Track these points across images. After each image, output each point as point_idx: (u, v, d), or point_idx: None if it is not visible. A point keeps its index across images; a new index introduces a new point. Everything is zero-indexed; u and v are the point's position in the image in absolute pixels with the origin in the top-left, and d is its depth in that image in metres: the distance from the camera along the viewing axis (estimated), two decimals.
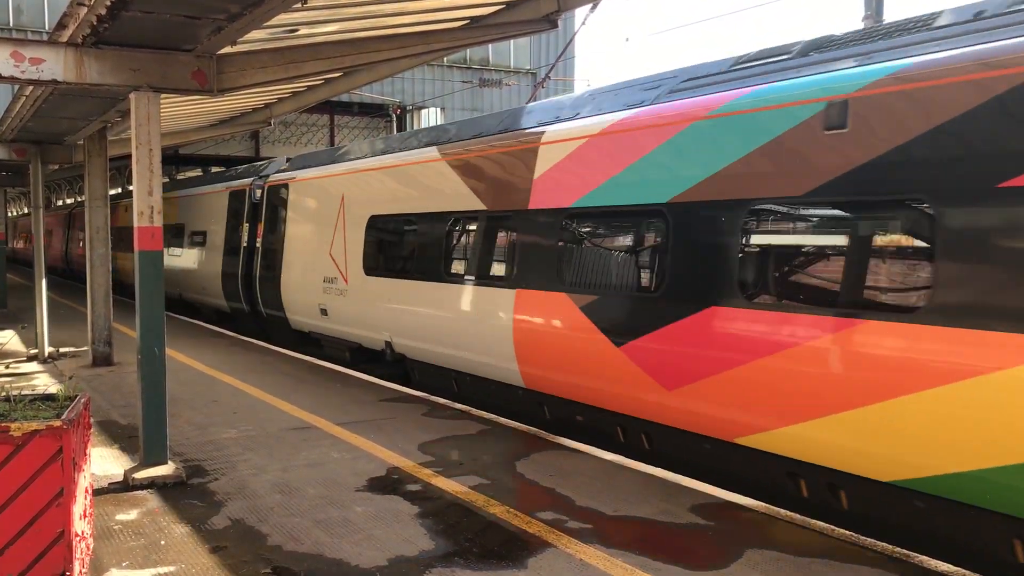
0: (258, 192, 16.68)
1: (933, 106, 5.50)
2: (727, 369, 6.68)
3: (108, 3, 5.84)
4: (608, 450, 8.05)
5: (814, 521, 6.04)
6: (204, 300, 19.82)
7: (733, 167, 6.81)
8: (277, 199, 15.81)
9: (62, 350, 14.32)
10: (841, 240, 6.17)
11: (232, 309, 18.17)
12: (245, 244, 17.14)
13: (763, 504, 6.42)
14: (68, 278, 34.37)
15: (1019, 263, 5.04)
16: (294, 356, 13.84)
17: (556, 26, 8.03)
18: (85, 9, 6.23)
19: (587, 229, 8.51)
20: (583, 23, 12.66)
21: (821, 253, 6.38)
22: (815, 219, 6.36)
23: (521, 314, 8.99)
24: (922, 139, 5.55)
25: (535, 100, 15.09)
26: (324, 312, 13.51)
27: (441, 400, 10.24)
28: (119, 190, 31.15)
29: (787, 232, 6.61)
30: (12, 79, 6.91)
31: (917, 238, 5.75)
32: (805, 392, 6.12)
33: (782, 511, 6.25)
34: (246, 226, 17.08)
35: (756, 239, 6.68)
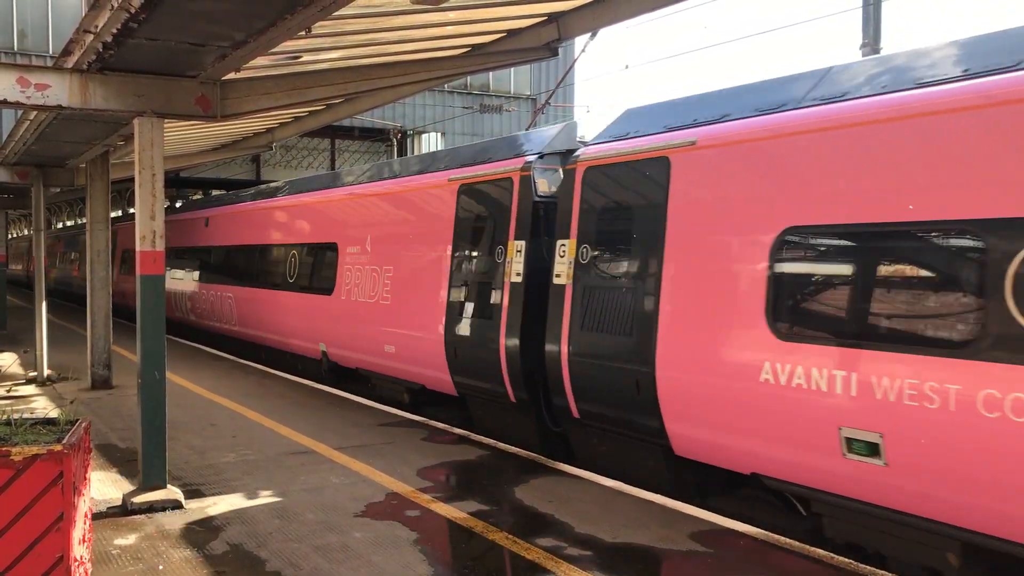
0: None
1: None
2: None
3: (114, 31, 5.90)
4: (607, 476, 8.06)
5: (813, 548, 6.03)
6: None
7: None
8: None
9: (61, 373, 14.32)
10: None
11: None
12: None
13: (762, 531, 6.41)
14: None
15: None
16: (292, 379, 13.83)
17: (556, 54, 8.12)
18: (91, 36, 6.30)
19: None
20: (583, 51, 12.79)
21: None
22: None
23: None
24: None
25: (535, 126, 15.21)
26: None
27: (440, 424, 10.24)
28: (119, 212, 31.23)
29: None
30: (18, 104, 6.98)
31: None
32: None
33: (781, 539, 6.24)
34: None
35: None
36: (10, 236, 54.76)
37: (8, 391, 12.64)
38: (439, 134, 31.04)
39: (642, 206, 7.58)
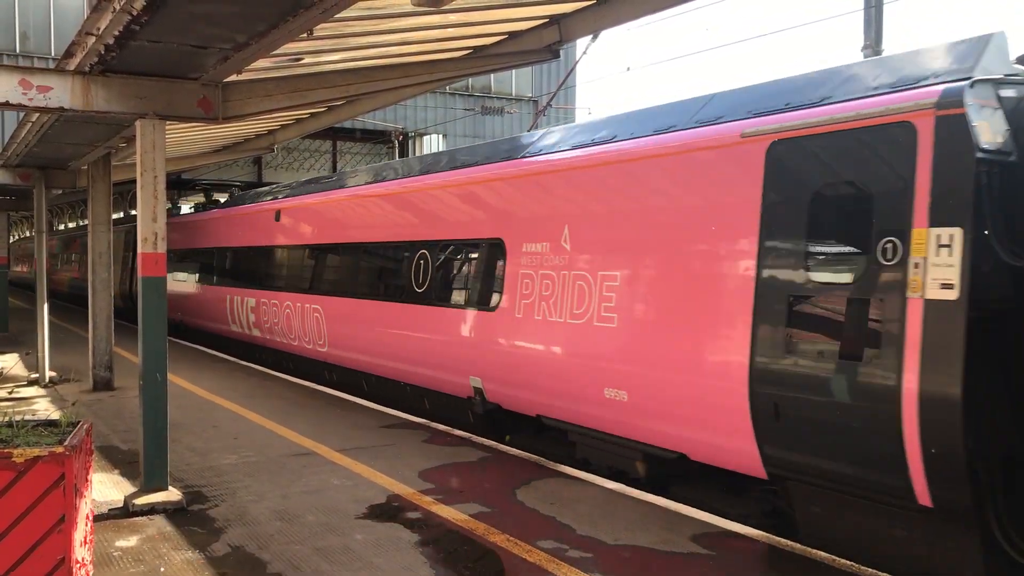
0: None
1: None
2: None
3: (116, 33, 5.91)
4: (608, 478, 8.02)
5: (815, 551, 6.03)
6: None
7: None
8: None
9: (63, 375, 14.32)
10: None
11: None
12: None
13: (764, 534, 6.40)
14: None
15: None
16: (294, 381, 13.84)
17: (558, 56, 8.12)
18: (93, 38, 6.31)
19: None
20: (584, 52, 12.79)
21: None
22: None
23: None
24: None
25: (536, 128, 15.22)
26: None
27: (442, 427, 10.24)
28: (120, 214, 31.26)
29: None
30: (20, 106, 6.99)
31: None
32: None
33: (783, 540, 6.23)
34: None
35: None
36: (17, 237, 54.88)
37: (10, 393, 12.66)
38: (441, 136, 31.05)
39: None
